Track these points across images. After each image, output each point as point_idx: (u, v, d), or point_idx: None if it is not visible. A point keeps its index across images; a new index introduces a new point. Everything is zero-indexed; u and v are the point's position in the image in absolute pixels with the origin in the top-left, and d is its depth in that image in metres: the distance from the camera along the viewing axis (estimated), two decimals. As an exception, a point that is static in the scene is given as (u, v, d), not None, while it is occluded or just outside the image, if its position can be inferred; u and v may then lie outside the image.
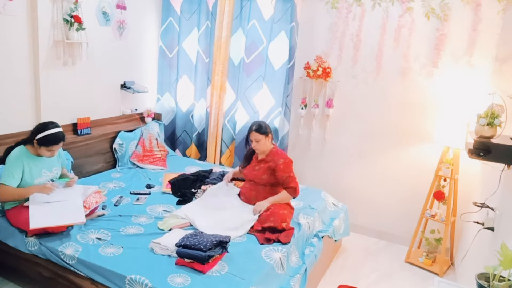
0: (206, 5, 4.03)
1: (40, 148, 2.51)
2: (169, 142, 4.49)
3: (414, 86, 3.43)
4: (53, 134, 2.50)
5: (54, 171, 2.69)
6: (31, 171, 2.53)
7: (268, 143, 2.87)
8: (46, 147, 2.49)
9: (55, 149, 2.54)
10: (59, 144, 2.54)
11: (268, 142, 2.88)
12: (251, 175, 2.94)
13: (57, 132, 2.53)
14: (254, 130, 2.83)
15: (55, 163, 2.71)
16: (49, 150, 2.51)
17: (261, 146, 2.85)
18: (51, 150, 2.52)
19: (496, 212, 2.20)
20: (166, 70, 4.35)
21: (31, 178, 2.53)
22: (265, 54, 3.83)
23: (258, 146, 2.85)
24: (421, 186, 3.46)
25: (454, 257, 3.40)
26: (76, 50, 3.37)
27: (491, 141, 1.99)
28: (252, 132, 2.83)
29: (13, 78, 2.98)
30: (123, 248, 2.34)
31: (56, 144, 2.52)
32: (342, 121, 3.80)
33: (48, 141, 2.48)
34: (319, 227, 3.01)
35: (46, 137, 2.48)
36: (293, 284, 2.32)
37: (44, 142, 2.48)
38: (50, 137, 2.49)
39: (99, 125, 3.72)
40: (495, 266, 1.46)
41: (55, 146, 2.52)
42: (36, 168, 2.56)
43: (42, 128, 2.52)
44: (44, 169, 2.61)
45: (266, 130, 2.84)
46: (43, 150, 2.51)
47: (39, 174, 2.57)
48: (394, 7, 3.39)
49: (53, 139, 2.50)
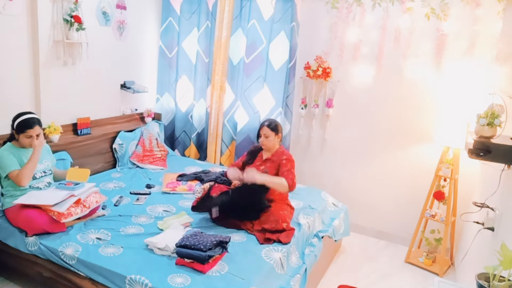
0: (206, 5, 4.03)
1: (20, 138, 2.57)
2: (168, 142, 4.48)
3: (414, 86, 3.43)
4: (26, 119, 2.56)
5: (45, 162, 2.74)
6: (21, 162, 2.58)
7: (276, 141, 2.92)
8: (23, 133, 2.55)
9: (32, 133, 2.56)
10: (34, 127, 2.56)
11: (277, 141, 2.92)
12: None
13: (29, 117, 2.59)
14: (266, 125, 2.89)
15: (46, 155, 2.77)
16: (26, 136, 2.56)
17: (269, 143, 2.89)
18: (28, 136, 2.56)
19: (496, 212, 2.20)
20: (165, 70, 4.35)
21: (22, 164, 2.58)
22: (265, 54, 3.83)
23: (267, 142, 2.89)
24: (421, 186, 3.46)
25: (454, 257, 3.40)
26: (76, 50, 3.37)
27: (491, 141, 1.99)
28: (264, 127, 2.89)
29: (13, 78, 2.98)
30: (123, 248, 2.34)
31: (31, 128, 2.55)
32: (342, 121, 3.80)
33: (22, 126, 2.54)
34: (319, 227, 3.01)
35: (20, 123, 2.55)
36: (293, 284, 2.32)
37: (19, 128, 2.55)
38: (24, 122, 2.55)
39: (99, 125, 3.72)
40: (495, 266, 1.46)
41: (30, 130, 2.55)
42: (26, 158, 2.60)
43: (16, 117, 2.59)
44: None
45: (277, 128, 2.90)
46: (22, 139, 2.57)
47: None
48: (394, 7, 3.39)
49: (26, 123, 2.55)
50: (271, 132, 2.87)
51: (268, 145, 2.90)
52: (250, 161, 3.04)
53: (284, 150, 2.95)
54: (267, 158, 2.94)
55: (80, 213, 2.55)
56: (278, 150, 2.93)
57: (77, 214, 2.53)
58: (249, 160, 3.05)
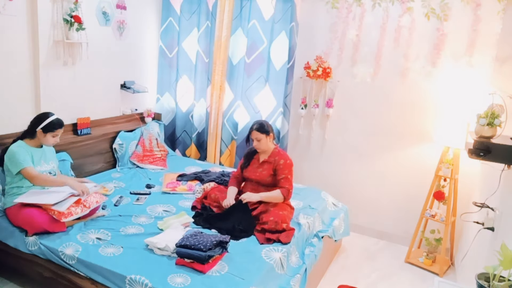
0: (206, 5, 4.03)
1: (46, 136, 2.63)
2: (169, 142, 4.49)
3: (414, 86, 3.43)
4: (56, 119, 2.68)
5: (51, 164, 2.76)
6: (33, 159, 2.62)
7: (269, 143, 2.86)
8: (52, 132, 2.64)
9: (59, 133, 2.70)
10: (62, 128, 2.71)
11: (270, 142, 2.87)
12: (254, 176, 2.91)
13: (57, 117, 2.71)
14: (255, 129, 2.82)
15: (52, 156, 2.81)
16: (54, 135, 2.66)
17: (262, 145, 2.84)
18: (56, 135, 2.68)
19: (496, 212, 2.20)
20: (166, 70, 4.35)
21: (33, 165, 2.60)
22: (266, 54, 3.83)
23: (259, 145, 2.84)
24: (421, 186, 3.46)
25: (454, 257, 3.40)
26: (76, 50, 3.37)
27: (491, 141, 1.99)
28: (253, 131, 2.83)
29: (13, 78, 2.98)
30: (123, 248, 2.34)
31: (61, 128, 2.69)
32: (342, 121, 3.80)
33: (54, 125, 2.64)
34: (319, 227, 3.01)
35: (51, 123, 2.64)
36: (293, 284, 2.32)
37: (50, 128, 2.63)
38: (55, 121, 2.65)
39: (99, 125, 3.72)
40: (495, 266, 1.46)
41: (59, 130, 2.68)
42: (36, 157, 2.65)
43: (44, 117, 2.65)
44: (42, 160, 2.70)
45: (267, 129, 2.83)
46: (48, 137, 2.64)
47: (39, 163, 2.67)
48: (394, 7, 3.39)
49: (57, 123, 2.67)
50: (262, 134, 2.81)
51: (262, 148, 2.86)
52: (246, 164, 2.99)
53: (280, 151, 2.90)
54: (264, 160, 2.89)
55: (80, 213, 2.55)
56: (274, 152, 2.88)
57: (77, 214, 2.53)
58: (245, 163, 3.00)
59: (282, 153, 2.88)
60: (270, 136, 2.85)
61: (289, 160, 2.85)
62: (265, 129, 2.82)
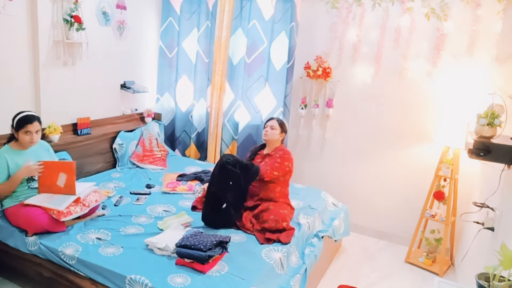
0: (206, 5, 4.03)
1: (19, 135, 2.55)
2: (168, 142, 4.48)
3: (414, 86, 3.43)
4: (26, 115, 2.57)
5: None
6: (17, 165, 2.55)
7: (278, 137, 2.96)
8: (22, 129, 2.53)
9: (31, 129, 2.55)
10: (33, 123, 2.56)
11: (279, 137, 2.97)
12: None
13: (28, 113, 2.59)
14: (276, 119, 2.98)
15: (45, 156, 2.75)
16: (26, 132, 2.54)
17: (272, 135, 2.93)
18: (28, 132, 2.55)
19: (496, 212, 2.20)
20: (165, 70, 4.35)
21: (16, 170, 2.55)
22: (266, 54, 3.82)
23: (270, 133, 2.93)
24: (421, 186, 3.46)
25: (454, 257, 3.40)
26: (76, 50, 3.37)
27: (491, 141, 1.99)
28: (273, 119, 2.98)
29: (13, 78, 2.98)
30: (123, 248, 2.34)
31: (30, 123, 2.55)
32: (342, 121, 3.80)
33: (21, 122, 2.54)
34: (319, 227, 3.01)
35: (19, 119, 2.54)
36: (293, 284, 2.32)
37: (19, 124, 2.54)
38: (22, 118, 2.55)
39: (99, 125, 3.72)
40: (495, 266, 1.46)
41: (29, 125, 2.54)
42: (22, 161, 2.58)
43: (15, 115, 2.58)
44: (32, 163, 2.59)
45: (284, 127, 2.99)
46: (22, 136, 2.55)
47: None
48: (394, 7, 3.39)
49: (25, 118, 2.55)
50: (278, 126, 2.94)
51: (270, 137, 2.93)
52: (251, 159, 3.08)
53: (284, 148, 2.97)
54: (267, 153, 2.97)
55: (80, 212, 2.55)
56: (278, 147, 2.96)
57: (77, 213, 2.53)
58: (249, 158, 3.09)
59: (285, 150, 2.96)
60: (282, 134, 2.98)
61: (287, 154, 2.91)
62: (283, 125, 2.98)
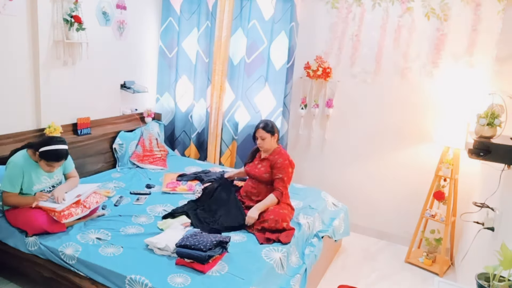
0: (206, 5, 4.03)
1: (40, 161, 2.46)
2: (168, 142, 4.48)
3: (414, 86, 3.43)
4: (56, 150, 2.43)
5: (55, 177, 2.65)
6: (30, 177, 2.49)
7: (273, 142, 2.91)
8: (46, 162, 2.44)
9: (55, 165, 2.48)
10: (59, 161, 2.48)
11: (274, 141, 2.91)
12: (253, 172, 2.96)
13: (60, 148, 2.46)
14: (261, 127, 2.87)
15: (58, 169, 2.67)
16: (48, 165, 2.46)
17: (266, 144, 2.88)
18: (50, 166, 2.47)
19: (496, 212, 2.20)
20: (165, 70, 4.35)
21: (30, 184, 2.50)
22: (266, 54, 3.82)
23: (263, 144, 2.88)
24: (421, 186, 3.46)
25: (454, 257, 3.40)
26: (76, 50, 3.37)
27: (491, 141, 2.00)
28: (259, 130, 2.88)
29: (13, 78, 2.97)
30: (123, 248, 2.34)
31: (57, 161, 2.46)
32: (342, 121, 3.80)
33: (48, 156, 2.42)
34: (319, 227, 3.01)
35: (48, 152, 2.42)
36: (293, 284, 2.32)
37: (44, 156, 2.42)
38: (51, 152, 2.42)
39: (99, 125, 3.72)
40: (495, 266, 1.46)
41: (55, 163, 2.46)
42: (36, 174, 2.52)
43: (47, 141, 2.45)
44: (45, 175, 2.57)
45: (272, 129, 2.88)
46: (42, 164, 2.46)
47: (38, 180, 2.53)
48: (394, 7, 3.39)
49: (54, 155, 2.43)
50: (267, 134, 2.85)
51: (266, 147, 2.90)
52: (249, 161, 3.08)
53: (281, 150, 2.94)
54: (264, 157, 2.95)
55: (81, 214, 2.55)
56: (276, 150, 2.93)
57: (78, 215, 2.53)
58: (249, 160, 3.09)
59: (283, 153, 2.91)
60: (275, 137, 2.90)
61: (288, 160, 2.87)
62: (271, 128, 2.87)
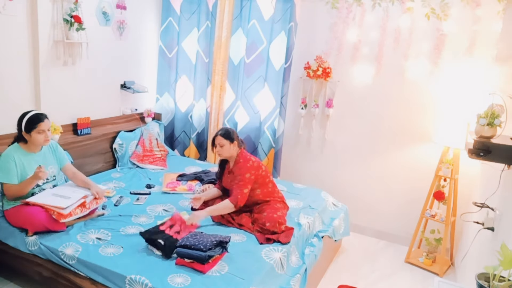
0: (206, 5, 4.03)
1: (32, 136, 2.49)
2: (167, 142, 4.48)
3: (414, 86, 3.43)
4: (34, 114, 2.51)
5: (50, 169, 2.67)
6: (24, 167, 2.51)
7: (232, 150, 2.82)
8: (35, 130, 2.47)
9: (44, 127, 2.50)
10: (44, 121, 2.51)
11: (233, 149, 2.82)
12: (225, 184, 2.92)
13: (36, 112, 2.53)
14: (220, 134, 2.81)
15: (51, 160, 2.71)
16: (39, 132, 2.49)
17: (224, 152, 2.81)
18: (41, 131, 2.50)
19: (496, 212, 2.20)
20: (165, 70, 4.35)
21: (24, 173, 2.51)
22: (265, 54, 3.82)
23: (222, 151, 2.81)
24: (421, 186, 3.46)
25: (454, 257, 3.40)
26: (76, 50, 3.37)
27: (491, 141, 1.99)
28: (218, 137, 2.81)
29: (13, 78, 2.98)
30: (123, 248, 2.34)
31: (42, 122, 2.50)
32: (342, 121, 3.80)
33: (32, 122, 2.47)
34: (319, 227, 3.01)
35: (29, 119, 2.47)
36: (293, 284, 2.32)
37: (30, 125, 2.47)
38: (32, 117, 2.49)
39: (99, 125, 3.72)
40: (495, 266, 1.46)
41: (42, 124, 2.50)
42: (29, 165, 2.53)
43: (22, 116, 2.51)
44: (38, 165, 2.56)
45: (232, 136, 2.80)
46: (35, 136, 2.49)
47: (31, 168, 2.53)
48: (394, 7, 3.39)
49: (35, 118, 2.49)
50: (225, 140, 2.77)
51: (224, 155, 2.82)
52: (220, 174, 2.99)
53: (243, 154, 2.85)
54: (230, 169, 2.89)
55: (80, 213, 2.56)
56: (237, 159, 2.84)
57: (77, 215, 2.53)
58: (220, 173, 3.00)
59: (243, 156, 2.83)
60: (234, 144, 2.82)
61: (249, 162, 2.79)
62: (230, 136, 2.79)
